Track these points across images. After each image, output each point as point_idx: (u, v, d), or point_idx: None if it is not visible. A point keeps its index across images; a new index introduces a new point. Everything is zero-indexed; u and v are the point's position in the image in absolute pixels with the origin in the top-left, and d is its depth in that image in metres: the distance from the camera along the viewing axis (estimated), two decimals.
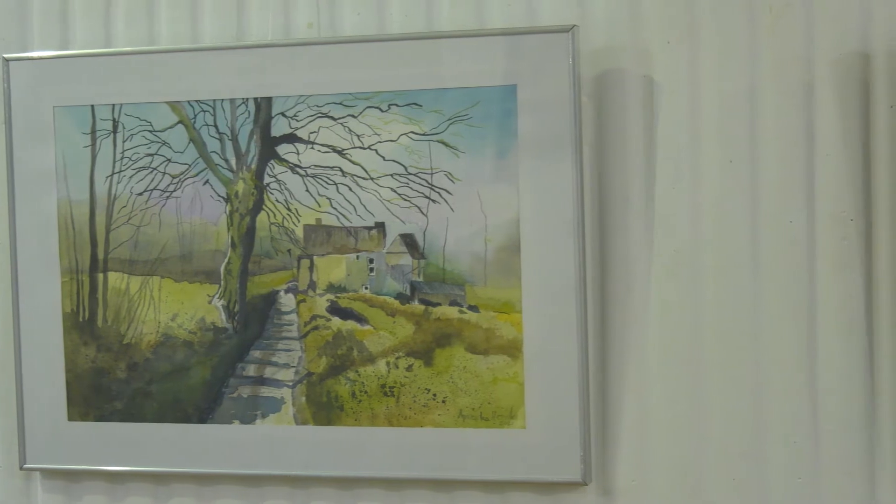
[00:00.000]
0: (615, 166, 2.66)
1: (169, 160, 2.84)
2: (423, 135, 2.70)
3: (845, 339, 2.57)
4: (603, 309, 2.68)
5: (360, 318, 2.76)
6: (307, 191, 2.77)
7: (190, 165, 2.83)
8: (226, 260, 2.82)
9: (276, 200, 2.78)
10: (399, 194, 2.72)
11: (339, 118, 2.74)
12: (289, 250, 2.79)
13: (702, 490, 2.65)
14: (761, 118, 2.59)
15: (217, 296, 2.83)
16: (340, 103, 2.74)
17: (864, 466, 2.58)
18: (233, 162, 2.80)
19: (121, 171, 2.85)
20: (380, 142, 2.73)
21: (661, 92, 2.64)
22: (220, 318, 2.84)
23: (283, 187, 2.78)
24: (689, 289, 2.64)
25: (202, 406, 2.85)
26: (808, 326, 2.58)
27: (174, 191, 2.83)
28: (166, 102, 2.83)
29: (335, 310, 2.78)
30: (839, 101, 2.55)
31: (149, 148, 2.84)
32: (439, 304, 2.71)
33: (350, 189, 2.74)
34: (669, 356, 2.66)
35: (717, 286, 2.63)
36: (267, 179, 2.79)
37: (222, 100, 2.80)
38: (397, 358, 2.74)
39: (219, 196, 2.81)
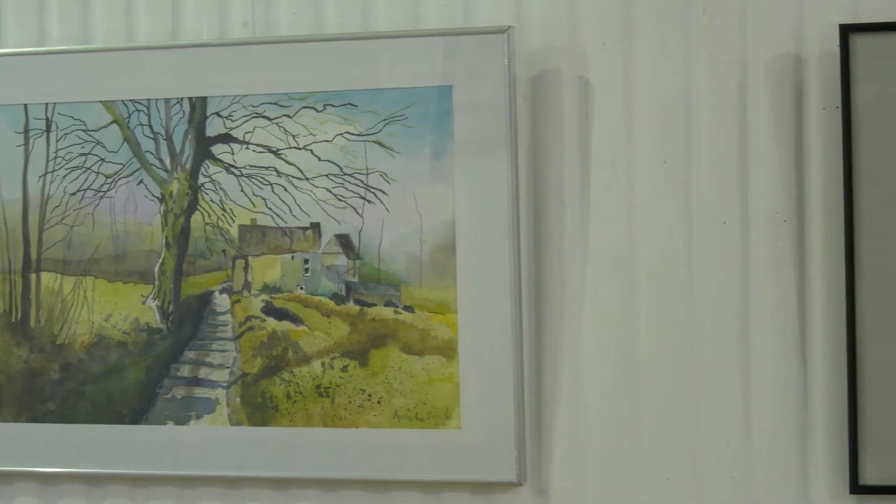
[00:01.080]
0: (550, 167, 2.58)
1: (103, 160, 2.72)
2: (359, 135, 2.61)
3: (778, 340, 2.50)
4: (538, 309, 2.60)
5: (295, 319, 2.66)
6: (242, 191, 2.67)
7: (124, 165, 2.71)
8: (160, 260, 2.71)
9: (211, 200, 2.68)
10: (334, 195, 2.62)
11: (275, 118, 2.64)
12: (223, 250, 2.68)
13: (636, 489, 2.58)
14: (695, 120, 2.53)
15: (151, 296, 2.72)
16: (275, 103, 2.64)
17: (796, 466, 2.51)
18: (167, 162, 2.70)
19: (54, 171, 2.74)
20: (315, 142, 2.63)
21: (596, 93, 2.57)
22: (155, 319, 2.72)
23: (217, 187, 2.68)
24: (624, 289, 2.57)
25: (136, 407, 2.73)
26: (741, 327, 2.52)
27: (108, 190, 2.72)
28: (100, 102, 2.72)
29: (270, 310, 2.67)
30: (772, 103, 2.50)
31: (82, 147, 2.73)
32: (374, 305, 2.62)
33: (285, 189, 2.65)
34: (604, 357, 2.58)
35: (651, 287, 2.55)
36: (201, 179, 2.68)
37: (157, 99, 2.69)
38: (332, 358, 2.64)
39: (153, 196, 2.70)
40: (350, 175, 2.61)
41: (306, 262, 2.64)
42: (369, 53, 2.59)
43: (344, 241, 2.62)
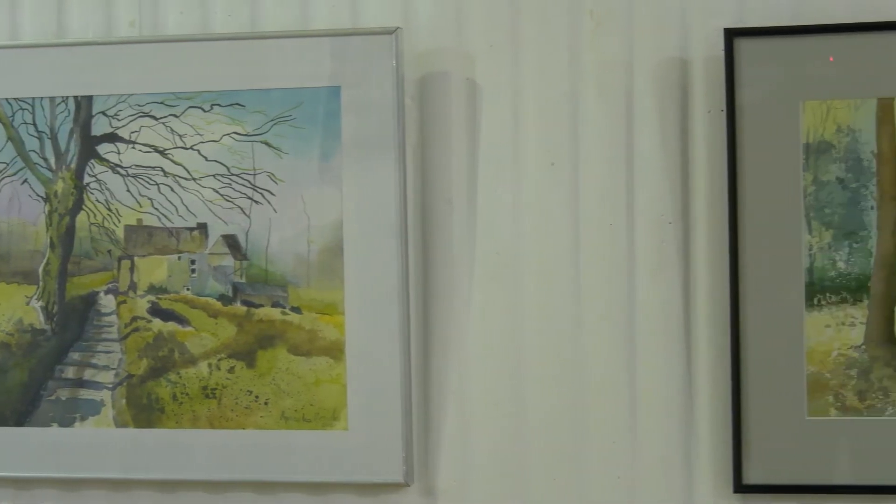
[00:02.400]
0: (438, 168, 2.47)
1: None
2: (246, 135, 2.46)
3: (663, 341, 2.41)
4: (425, 310, 2.48)
5: (181, 320, 2.50)
6: (128, 191, 2.50)
7: (8, 164, 2.54)
8: (44, 260, 2.54)
9: (97, 200, 2.51)
10: (221, 195, 2.48)
11: (161, 118, 2.49)
12: (109, 251, 2.52)
13: (523, 489, 2.47)
14: (582, 122, 2.42)
15: (35, 297, 2.54)
16: (162, 103, 2.48)
17: (681, 466, 2.42)
18: (52, 161, 2.52)
19: None
20: (202, 142, 2.48)
21: (483, 95, 2.45)
22: (39, 320, 2.55)
23: (103, 187, 2.51)
24: (511, 290, 2.46)
25: (19, 409, 2.56)
26: (627, 328, 2.42)
27: None
28: None
29: (156, 311, 2.51)
30: (658, 106, 2.40)
31: None
32: (262, 306, 2.47)
33: (172, 189, 2.49)
34: (491, 357, 2.47)
35: (538, 288, 2.45)
36: (87, 179, 2.51)
37: (41, 98, 2.52)
38: (219, 360, 2.49)
39: (37, 196, 2.53)
40: (237, 175, 2.46)
41: (193, 262, 2.49)
42: (257, 53, 2.45)
43: (231, 242, 2.47)
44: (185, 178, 2.48)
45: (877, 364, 2.32)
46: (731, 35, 2.33)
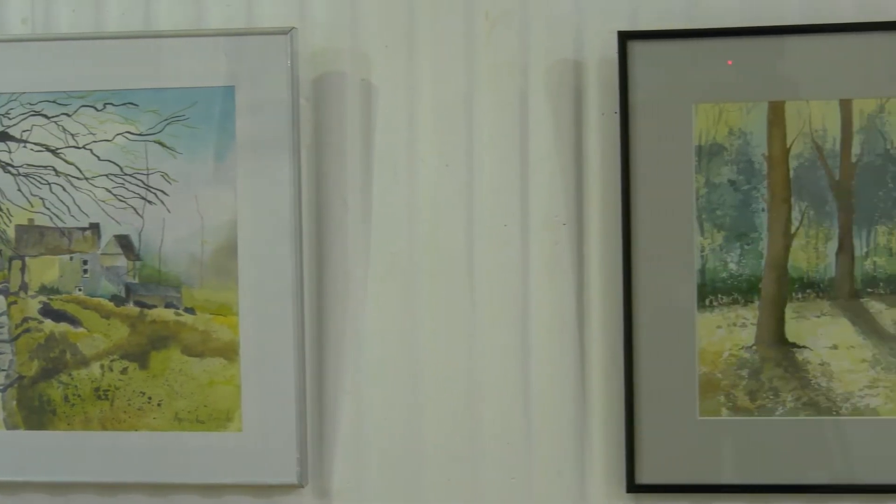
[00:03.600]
0: (333, 169, 2.39)
1: None
2: (140, 135, 2.36)
3: (557, 342, 2.35)
4: (320, 311, 2.40)
5: (73, 321, 2.39)
6: (19, 190, 2.39)
7: None
8: None
9: None
10: (114, 195, 2.37)
11: (53, 117, 2.37)
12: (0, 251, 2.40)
13: (418, 491, 2.40)
14: (477, 123, 2.36)
15: None
16: (54, 101, 2.37)
17: (575, 466, 2.36)
18: None
19: None
20: (95, 141, 2.37)
21: (378, 95, 2.38)
22: None
23: None
24: (406, 291, 2.38)
25: None
26: (521, 329, 2.36)
27: None
28: None
29: (48, 312, 2.40)
30: (553, 107, 2.34)
31: None
32: (155, 307, 2.37)
33: (64, 189, 2.38)
34: (386, 358, 2.39)
35: (432, 289, 2.38)
36: None
37: None
38: (112, 361, 2.39)
39: None
40: (130, 175, 2.36)
41: (85, 262, 2.38)
42: (151, 52, 2.35)
43: (124, 242, 2.37)
44: (78, 178, 2.37)
45: (767, 364, 2.28)
46: (625, 38, 2.27)
